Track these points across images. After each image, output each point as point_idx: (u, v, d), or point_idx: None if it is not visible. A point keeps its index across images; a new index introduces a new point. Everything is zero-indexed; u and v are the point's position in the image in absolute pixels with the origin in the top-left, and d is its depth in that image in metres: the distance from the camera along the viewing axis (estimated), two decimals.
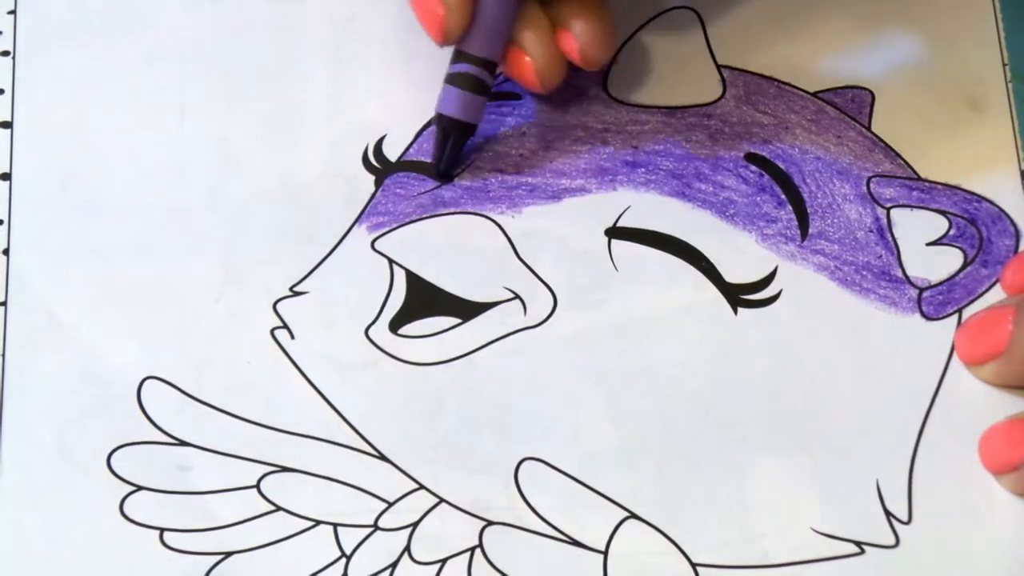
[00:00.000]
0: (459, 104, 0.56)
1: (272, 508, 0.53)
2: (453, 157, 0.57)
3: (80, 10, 0.61)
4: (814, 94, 0.59)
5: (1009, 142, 0.58)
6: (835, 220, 0.56)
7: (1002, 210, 0.57)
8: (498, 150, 0.58)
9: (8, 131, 0.59)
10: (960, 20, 0.59)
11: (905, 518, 0.53)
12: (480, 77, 0.56)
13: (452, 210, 0.57)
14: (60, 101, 0.59)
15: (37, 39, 0.60)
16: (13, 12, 0.61)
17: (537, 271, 0.56)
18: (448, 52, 0.57)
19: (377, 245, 0.57)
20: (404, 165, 0.58)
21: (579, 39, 0.55)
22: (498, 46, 0.56)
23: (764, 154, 0.57)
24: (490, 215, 0.57)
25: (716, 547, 0.53)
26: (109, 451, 0.54)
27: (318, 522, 0.53)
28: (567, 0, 0.55)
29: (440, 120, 0.57)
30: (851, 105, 0.58)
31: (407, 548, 0.53)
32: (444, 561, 0.52)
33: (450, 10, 0.54)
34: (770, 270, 0.56)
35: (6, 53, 0.60)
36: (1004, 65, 0.59)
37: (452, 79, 0.56)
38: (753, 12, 0.60)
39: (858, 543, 0.52)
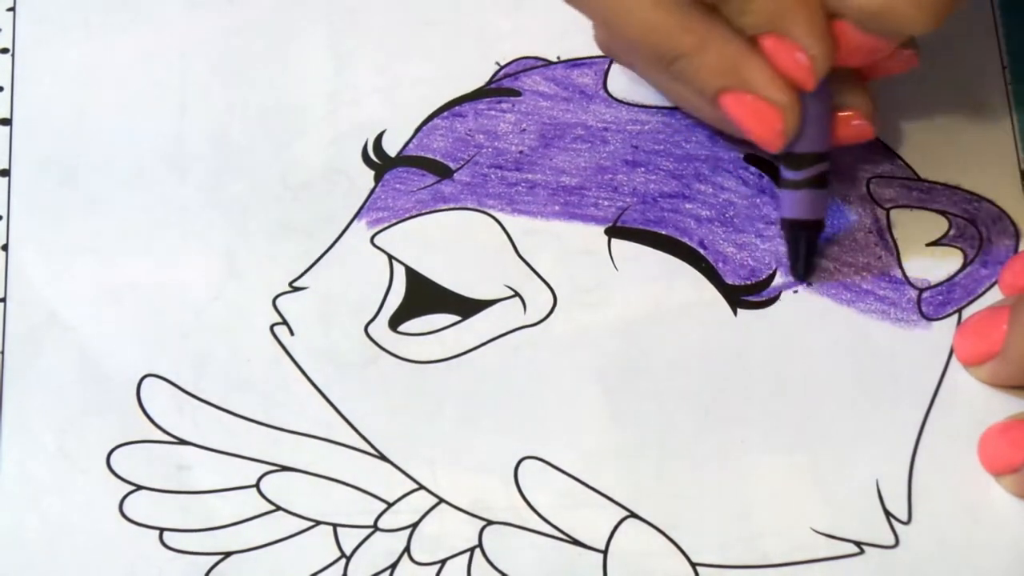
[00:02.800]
0: (804, 204, 0.54)
1: (272, 508, 0.53)
2: (810, 257, 0.56)
3: (79, 7, 0.61)
4: None
5: (1009, 142, 0.58)
6: (835, 221, 0.56)
7: (1002, 210, 0.57)
8: (498, 147, 0.58)
9: (8, 128, 0.59)
10: (959, 22, 0.59)
11: (905, 518, 0.53)
12: (819, 173, 0.54)
13: (452, 206, 0.57)
14: (59, 98, 0.59)
15: (36, 36, 0.60)
16: (12, 9, 0.61)
17: (537, 269, 0.56)
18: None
19: (377, 240, 0.57)
20: (404, 160, 0.58)
21: (864, 111, 0.54)
22: (827, 134, 0.53)
23: (764, 155, 0.57)
24: (490, 212, 0.57)
25: (716, 547, 0.53)
26: (108, 450, 0.54)
27: (318, 522, 0.53)
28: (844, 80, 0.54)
29: (790, 226, 0.55)
30: None
31: (407, 549, 0.53)
32: (444, 562, 0.53)
33: (788, 111, 0.52)
34: (769, 271, 0.56)
35: (5, 50, 0.60)
36: (1003, 67, 0.59)
37: (792, 183, 0.54)
38: None
39: (858, 543, 0.52)
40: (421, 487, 0.54)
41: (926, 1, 0.49)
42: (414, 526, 0.53)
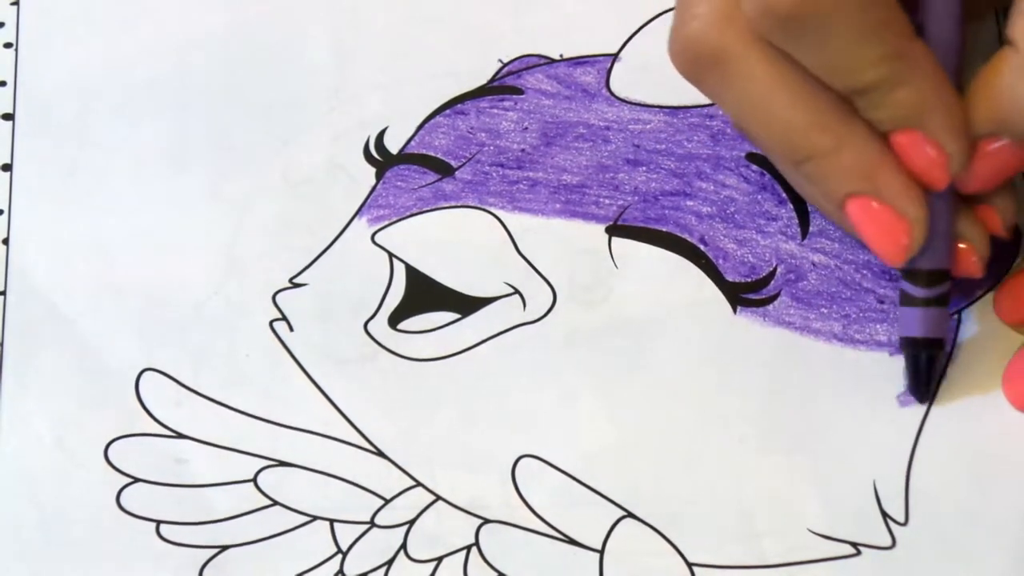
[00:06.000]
0: (928, 323, 0.53)
1: (269, 502, 0.53)
2: (930, 377, 0.54)
3: (82, 2, 0.61)
4: None
5: None
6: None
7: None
8: (500, 145, 0.58)
9: (10, 123, 0.59)
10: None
11: (902, 519, 0.53)
12: (944, 291, 0.52)
13: (453, 204, 0.57)
14: (62, 93, 0.59)
15: (39, 31, 0.60)
16: (16, 4, 0.61)
17: (537, 267, 0.56)
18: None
19: (377, 238, 0.57)
20: (405, 158, 0.58)
21: (1002, 214, 0.52)
22: (950, 251, 0.52)
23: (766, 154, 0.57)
24: (491, 210, 0.57)
25: (713, 547, 0.53)
26: (107, 443, 0.54)
27: (315, 517, 0.53)
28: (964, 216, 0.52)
29: (912, 344, 0.53)
30: None
31: (403, 545, 0.53)
32: (440, 559, 0.53)
33: (917, 224, 0.50)
34: (770, 268, 0.56)
35: (8, 45, 0.60)
36: None
37: (915, 300, 0.53)
38: None
39: (855, 544, 0.52)
40: (419, 484, 0.54)
41: None
42: (411, 523, 0.53)
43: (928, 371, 0.54)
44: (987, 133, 0.49)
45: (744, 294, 0.55)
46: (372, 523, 0.53)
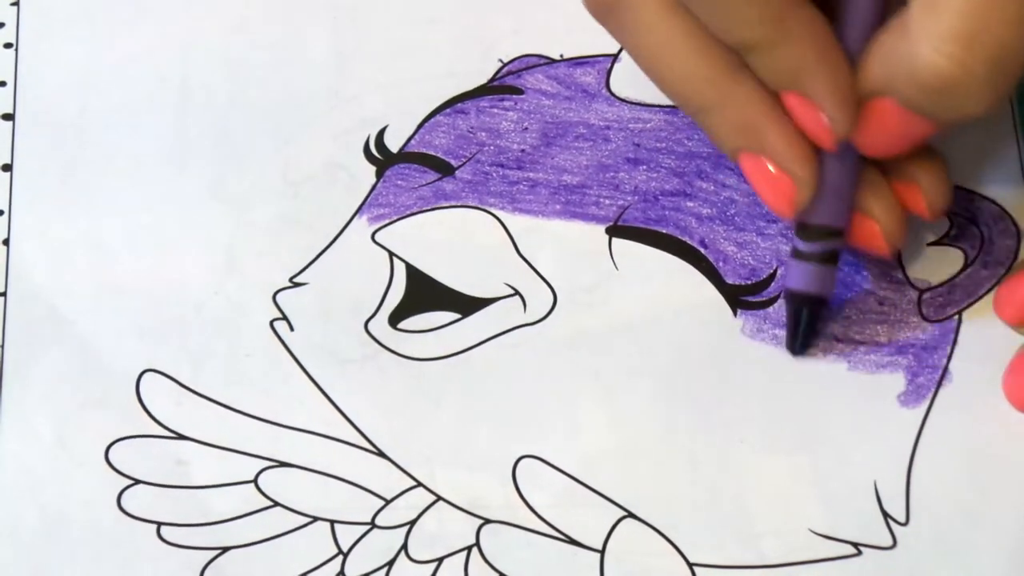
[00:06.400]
0: (811, 278, 0.53)
1: (269, 504, 0.53)
2: (809, 332, 0.55)
3: (82, 2, 0.61)
4: None
5: (1011, 142, 0.58)
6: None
7: (1004, 210, 0.57)
8: (500, 145, 0.58)
9: (10, 123, 0.59)
10: None
11: (902, 519, 0.53)
12: (831, 248, 0.53)
13: (453, 203, 0.57)
14: (62, 93, 0.59)
15: (40, 31, 0.60)
16: (16, 4, 0.61)
17: (537, 268, 0.56)
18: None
19: (377, 237, 0.57)
20: (405, 157, 0.58)
21: (928, 194, 0.53)
22: (845, 211, 0.52)
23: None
24: (491, 210, 0.57)
25: (713, 547, 0.53)
26: (107, 444, 0.54)
27: (315, 518, 0.53)
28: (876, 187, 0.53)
29: (792, 297, 0.54)
30: None
31: (404, 546, 0.53)
32: (441, 560, 0.53)
33: (801, 182, 0.50)
34: (770, 271, 0.56)
35: (9, 45, 0.60)
36: None
37: (801, 254, 0.53)
38: None
39: (855, 544, 0.52)
40: (419, 484, 0.54)
41: (993, 77, 0.46)
42: (412, 523, 0.53)
43: (807, 326, 0.54)
44: (870, 92, 0.49)
45: (744, 296, 0.55)
46: (373, 524, 0.53)
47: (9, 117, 0.59)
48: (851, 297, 0.55)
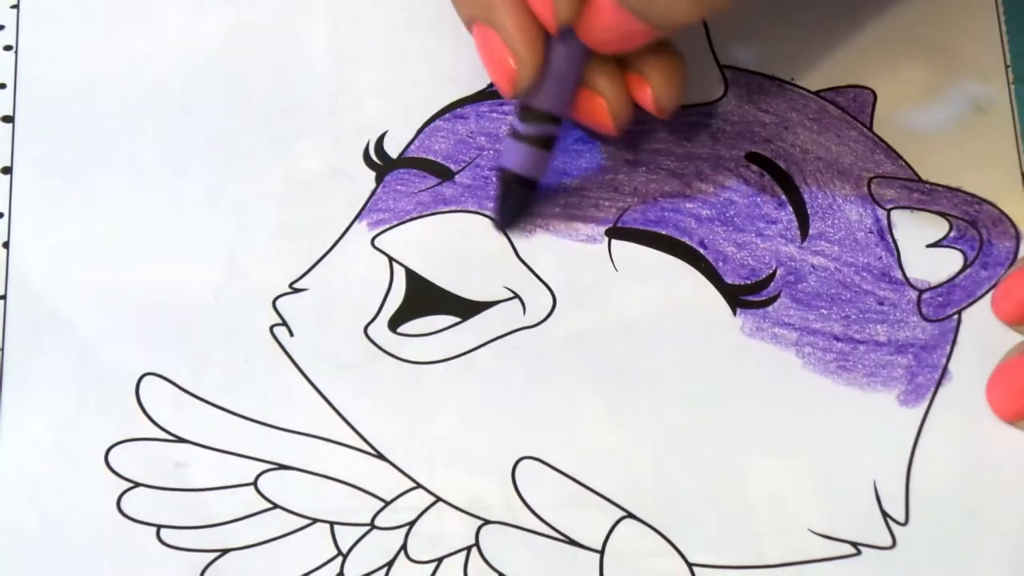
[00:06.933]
0: (523, 159, 0.55)
1: (269, 506, 0.53)
2: (516, 210, 0.56)
3: (83, 5, 0.61)
4: (816, 93, 0.59)
5: (1011, 144, 0.58)
6: (835, 221, 0.56)
7: (1003, 212, 0.57)
8: (499, 148, 0.58)
9: (10, 125, 0.59)
10: (963, 21, 0.59)
11: (902, 519, 0.53)
12: (547, 134, 0.54)
13: (453, 208, 0.57)
14: (62, 96, 0.59)
15: (40, 34, 0.60)
16: (16, 7, 0.61)
17: (537, 271, 0.56)
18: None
19: (377, 242, 0.57)
20: (405, 162, 0.58)
21: (656, 88, 0.53)
22: (566, 100, 0.54)
23: (765, 153, 0.57)
24: (490, 214, 0.57)
25: (713, 547, 0.53)
26: (107, 447, 0.54)
27: (315, 520, 0.53)
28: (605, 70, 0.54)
29: (503, 174, 0.56)
30: (853, 105, 0.58)
31: (403, 547, 0.53)
32: (440, 560, 0.53)
33: (522, 63, 0.52)
34: (769, 271, 0.56)
35: (9, 48, 0.60)
36: (1007, 67, 0.59)
37: (517, 135, 0.55)
38: (756, 11, 0.60)
39: (855, 544, 0.52)
40: (419, 486, 0.54)
41: None
42: (411, 524, 0.53)
43: (516, 204, 0.56)
44: None
45: (744, 296, 0.55)
46: (372, 525, 0.53)
47: (9, 120, 0.59)
48: (851, 298, 0.55)
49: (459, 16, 0.54)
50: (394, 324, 0.56)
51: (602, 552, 0.53)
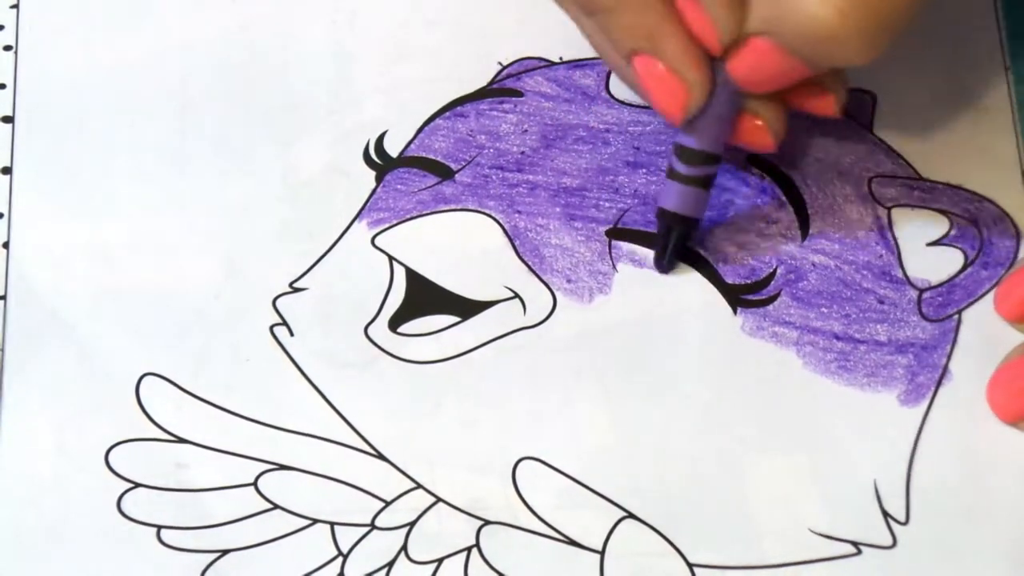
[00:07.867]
0: (685, 200, 0.54)
1: (269, 506, 0.53)
2: (677, 251, 0.56)
3: (82, 5, 0.61)
4: None
5: (1011, 142, 0.58)
6: (835, 220, 0.56)
7: (1004, 211, 0.57)
8: (499, 147, 0.58)
9: (10, 125, 0.59)
10: (962, 23, 0.59)
11: (902, 519, 0.53)
12: (706, 174, 0.54)
13: (453, 207, 0.57)
14: (62, 96, 0.59)
15: (40, 33, 0.61)
16: (16, 7, 0.61)
17: (537, 270, 0.56)
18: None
19: (377, 242, 0.57)
20: (405, 161, 0.58)
21: (771, 125, 0.53)
22: (725, 139, 0.53)
23: (766, 158, 0.57)
24: (491, 213, 0.57)
25: (713, 547, 0.52)
26: (107, 448, 0.54)
27: (315, 521, 0.53)
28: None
29: (663, 215, 0.55)
30: (853, 107, 0.58)
31: (404, 547, 0.53)
32: (441, 560, 0.52)
33: (693, 86, 0.51)
34: (769, 270, 0.56)
35: (8, 48, 0.60)
36: (1006, 68, 0.59)
37: (678, 175, 0.54)
38: None
39: (855, 543, 0.52)
40: (419, 486, 0.54)
41: (871, 31, 0.47)
42: (411, 524, 0.53)
43: (675, 246, 0.55)
44: (754, 31, 0.49)
45: (744, 295, 0.55)
46: (373, 525, 0.53)
47: (9, 120, 0.59)
48: (851, 297, 0.55)
49: (615, 50, 0.52)
50: (394, 324, 0.56)
51: (603, 552, 0.52)
